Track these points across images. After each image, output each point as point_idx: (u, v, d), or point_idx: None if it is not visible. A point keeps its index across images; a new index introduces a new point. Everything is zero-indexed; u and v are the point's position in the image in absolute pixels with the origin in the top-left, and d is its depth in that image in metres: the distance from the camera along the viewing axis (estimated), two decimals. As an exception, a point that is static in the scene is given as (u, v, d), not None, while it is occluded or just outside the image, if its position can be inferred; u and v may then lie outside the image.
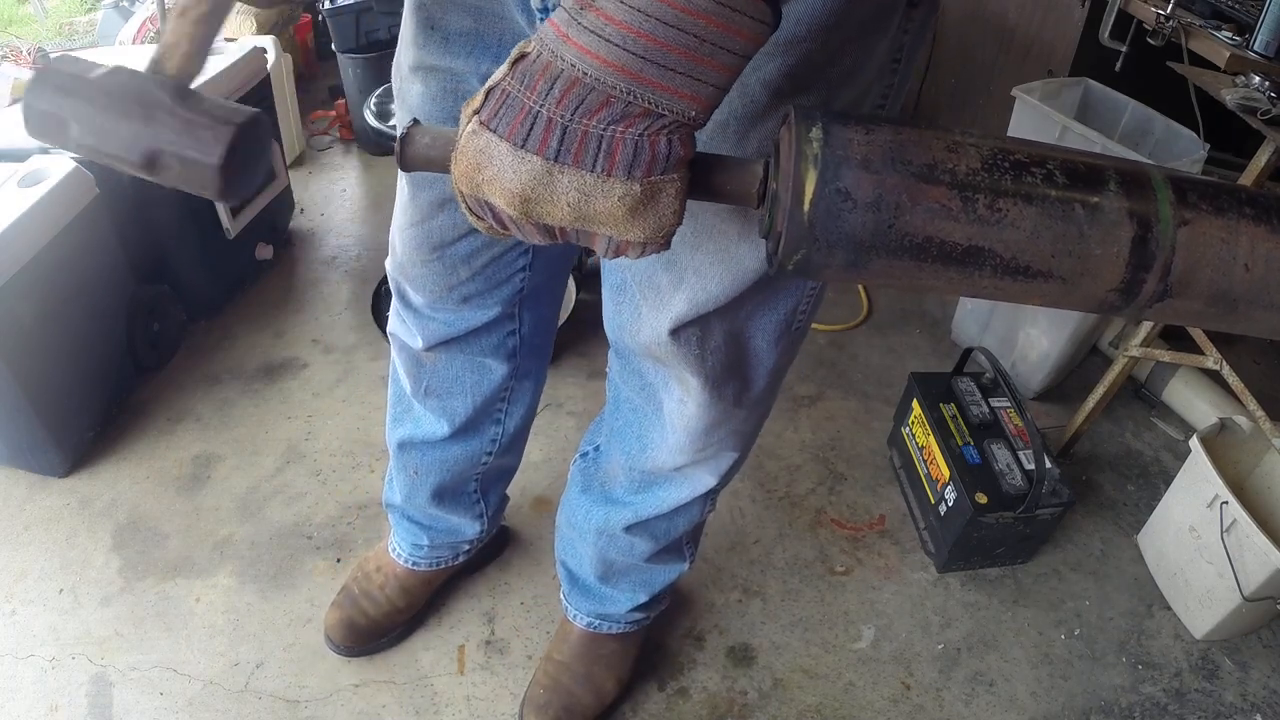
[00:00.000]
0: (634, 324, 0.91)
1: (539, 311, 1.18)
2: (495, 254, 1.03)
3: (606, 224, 0.49)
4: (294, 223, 2.43)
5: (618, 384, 1.09)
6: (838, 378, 2.10)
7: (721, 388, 0.93)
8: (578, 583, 1.37)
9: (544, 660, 1.42)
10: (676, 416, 0.99)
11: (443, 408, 1.23)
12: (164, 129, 0.59)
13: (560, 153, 0.47)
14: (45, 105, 0.61)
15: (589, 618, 1.38)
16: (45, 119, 0.61)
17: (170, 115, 0.59)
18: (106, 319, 1.77)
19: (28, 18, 3.57)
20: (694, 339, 0.87)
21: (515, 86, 0.48)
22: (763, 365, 0.94)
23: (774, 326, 0.90)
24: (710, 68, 0.47)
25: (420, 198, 0.97)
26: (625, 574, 1.31)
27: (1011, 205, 0.48)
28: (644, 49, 0.45)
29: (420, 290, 1.07)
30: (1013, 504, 1.57)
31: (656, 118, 0.47)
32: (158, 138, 0.59)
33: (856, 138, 0.48)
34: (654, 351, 0.91)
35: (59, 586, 1.53)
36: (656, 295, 0.85)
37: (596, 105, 0.47)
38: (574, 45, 0.47)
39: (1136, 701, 1.50)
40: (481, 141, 0.49)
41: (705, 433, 0.99)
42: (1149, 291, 0.51)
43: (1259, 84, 1.47)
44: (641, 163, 0.47)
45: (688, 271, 0.82)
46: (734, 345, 0.90)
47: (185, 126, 0.59)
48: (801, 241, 0.49)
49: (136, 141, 0.59)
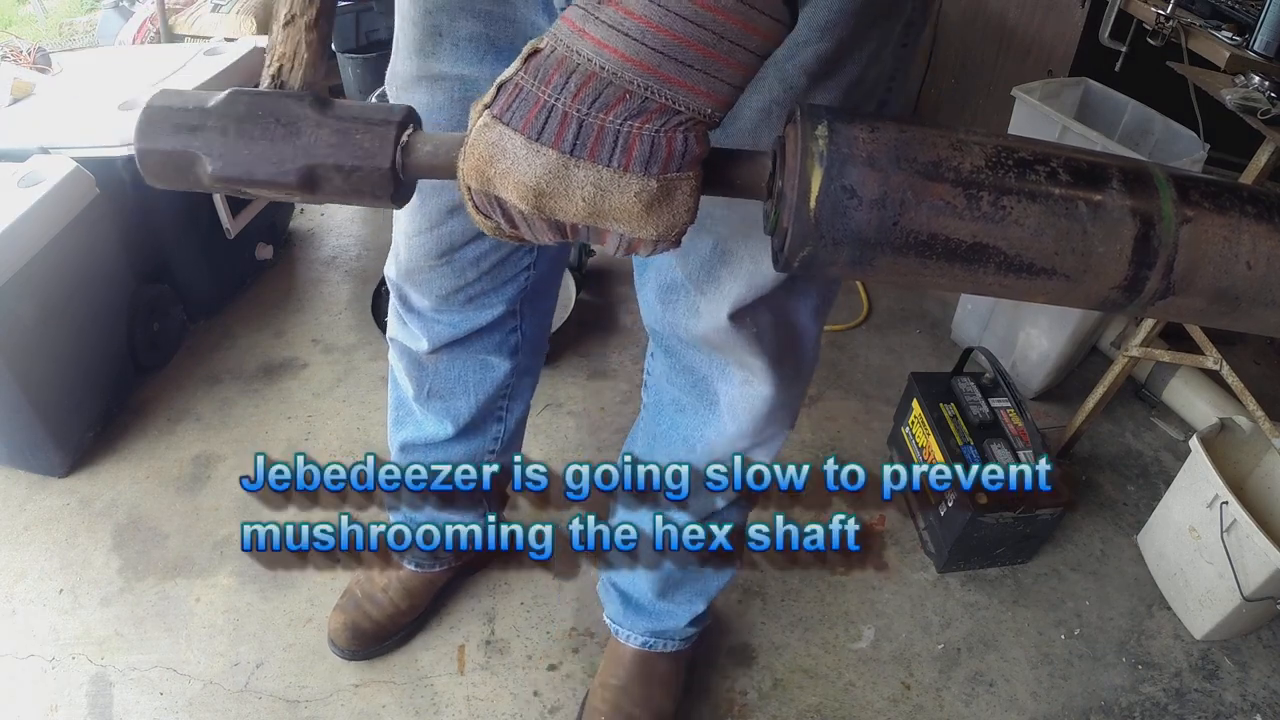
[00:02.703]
0: (691, 319, 0.92)
1: (539, 306, 1.18)
2: (503, 255, 1.03)
3: (621, 220, 0.49)
4: (294, 223, 2.43)
5: (662, 385, 1.09)
6: (838, 378, 2.10)
7: (781, 364, 0.95)
8: (631, 602, 1.35)
9: (598, 687, 1.39)
10: (740, 401, 1.00)
11: (446, 409, 1.23)
12: (317, 143, 0.55)
13: (576, 146, 0.47)
14: (168, 145, 0.56)
15: (644, 637, 1.37)
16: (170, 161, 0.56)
17: (319, 127, 0.55)
18: (107, 319, 1.77)
19: (28, 18, 3.57)
20: (749, 320, 0.89)
21: (529, 81, 0.48)
22: (810, 336, 0.97)
23: (815, 297, 0.93)
24: (727, 65, 0.47)
25: (429, 204, 0.96)
26: (682, 585, 1.30)
27: (1015, 203, 0.48)
28: (663, 44, 0.45)
29: (426, 294, 1.07)
30: (1012, 504, 1.57)
31: (673, 114, 0.47)
32: (312, 153, 0.55)
33: (862, 135, 0.48)
34: (712, 339, 0.93)
35: (59, 586, 1.53)
36: (716, 287, 0.87)
37: (614, 100, 0.46)
38: (591, 39, 0.46)
39: (1136, 701, 1.50)
40: (494, 134, 0.48)
41: (769, 414, 1.01)
42: (1151, 289, 0.51)
43: (1259, 84, 1.47)
44: (658, 159, 0.47)
45: (744, 259, 0.84)
46: (782, 321, 0.92)
47: (340, 136, 0.55)
48: (807, 238, 0.49)
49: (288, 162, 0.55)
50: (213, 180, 0.56)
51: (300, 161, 0.55)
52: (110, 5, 2.91)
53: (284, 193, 0.57)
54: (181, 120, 0.56)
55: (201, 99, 0.57)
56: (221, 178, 0.56)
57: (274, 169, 0.55)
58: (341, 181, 0.56)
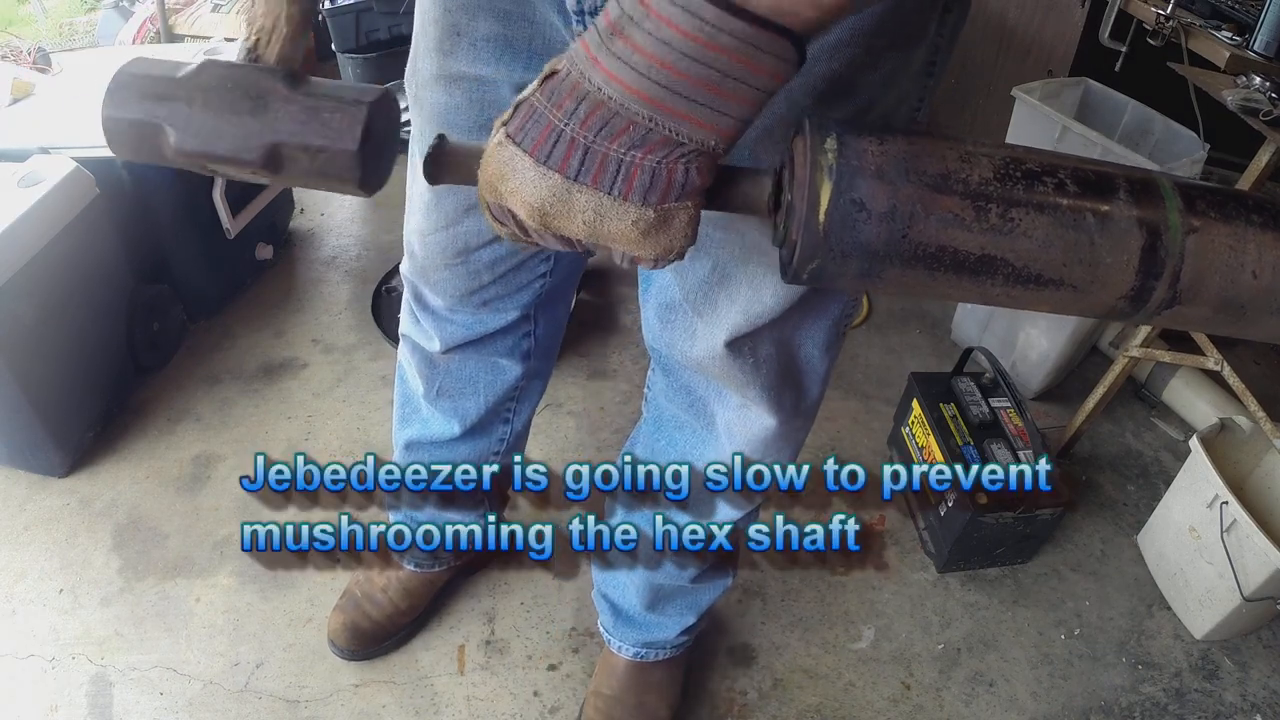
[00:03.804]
0: (687, 341, 0.91)
1: (553, 313, 1.18)
2: (519, 260, 1.03)
3: (619, 242, 0.50)
4: (294, 223, 2.43)
5: (661, 403, 1.08)
6: (838, 378, 2.10)
7: (780, 396, 0.94)
8: (622, 614, 1.35)
9: (592, 695, 1.39)
10: (737, 424, 0.99)
11: (455, 408, 1.23)
12: (284, 120, 0.53)
13: (580, 173, 0.48)
14: (134, 115, 0.54)
15: (635, 648, 1.37)
16: (136, 131, 0.54)
17: (288, 104, 0.53)
18: (107, 319, 1.77)
19: (28, 18, 3.56)
20: (747, 349, 0.88)
21: (543, 102, 0.49)
22: (816, 373, 0.95)
23: (823, 333, 0.91)
24: (732, 100, 0.47)
25: (446, 203, 0.96)
26: (672, 599, 1.30)
27: (1024, 214, 0.48)
28: (668, 80, 0.46)
29: (440, 294, 1.07)
30: (1012, 504, 1.58)
31: (676, 145, 0.48)
32: (277, 130, 0.53)
33: (871, 148, 0.48)
34: (707, 367, 0.92)
35: (59, 586, 1.53)
36: (713, 311, 0.86)
37: (619, 129, 0.48)
38: (602, 69, 0.47)
39: (1136, 701, 1.51)
40: (507, 154, 0.50)
41: (765, 443, 0.99)
42: (1158, 299, 0.51)
43: (1259, 84, 1.47)
44: (657, 190, 0.48)
45: (742, 285, 0.82)
46: (785, 354, 0.91)
47: (309, 114, 0.53)
48: (816, 251, 0.49)
49: (253, 138, 0.53)
50: (175, 153, 0.54)
51: (265, 138, 0.53)
52: (110, 5, 2.90)
53: (249, 171, 0.54)
54: (150, 89, 0.53)
55: (173, 68, 0.54)
56: (183, 151, 0.53)
57: (238, 144, 0.53)
58: (308, 162, 0.54)
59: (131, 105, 0.53)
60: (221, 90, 0.53)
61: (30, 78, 1.87)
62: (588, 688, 1.42)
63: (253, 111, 0.53)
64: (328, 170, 0.54)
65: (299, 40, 0.58)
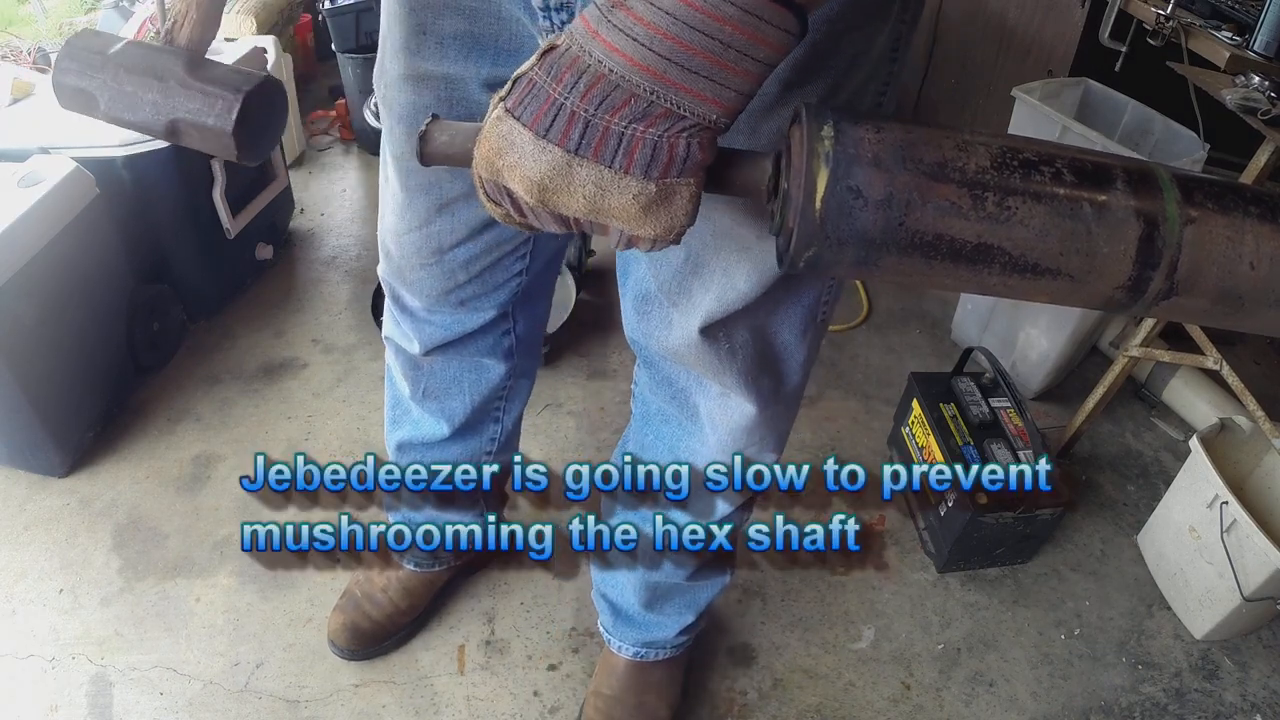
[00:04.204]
0: (664, 331, 0.91)
1: (532, 310, 1.18)
2: (494, 258, 1.02)
3: (619, 219, 0.50)
4: (294, 223, 2.43)
5: (647, 396, 1.08)
6: (838, 378, 2.10)
7: (758, 383, 0.94)
8: (621, 614, 1.35)
9: (592, 695, 1.39)
10: (719, 414, 0.99)
11: (442, 409, 1.23)
12: (180, 99, 0.63)
13: (581, 145, 0.48)
14: (73, 81, 0.65)
15: (635, 647, 1.36)
16: (76, 94, 0.65)
17: (183, 85, 0.63)
18: (106, 319, 1.77)
19: (28, 18, 3.56)
20: (721, 336, 0.88)
21: (542, 77, 0.49)
22: (794, 359, 0.95)
23: (799, 319, 0.91)
24: (734, 73, 0.47)
25: (419, 202, 0.96)
26: (670, 597, 1.30)
27: (1020, 203, 0.48)
28: (669, 50, 0.46)
29: (417, 294, 1.07)
30: (1012, 504, 1.57)
31: (678, 119, 0.48)
32: (175, 108, 0.63)
33: (868, 136, 0.48)
34: (684, 355, 0.92)
35: (59, 586, 1.53)
36: (688, 299, 0.86)
37: (620, 102, 0.47)
38: (602, 42, 0.47)
39: (1136, 701, 1.50)
40: (505, 128, 0.50)
41: (748, 430, 0.99)
42: (1155, 289, 0.51)
43: (1259, 84, 1.47)
44: (659, 164, 0.48)
45: (716, 272, 0.82)
46: (760, 339, 0.91)
47: (199, 95, 0.63)
48: (813, 238, 0.49)
49: (158, 112, 0.63)
50: (105, 117, 0.65)
51: (166, 114, 0.64)
52: (110, 5, 2.90)
53: (156, 136, 0.66)
54: (86, 62, 0.65)
55: (106, 45, 0.66)
56: (110, 117, 0.65)
57: (147, 117, 0.64)
58: (198, 136, 0.65)
59: (73, 74, 0.65)
60: (137, 70, 0.64)
61: (30, 78, 1.88)
62: (588, 688, 1.41)
63: (159, 90, 0.64)
64: (212, 144, 0.65)
65: (210, 27, 0.67)
